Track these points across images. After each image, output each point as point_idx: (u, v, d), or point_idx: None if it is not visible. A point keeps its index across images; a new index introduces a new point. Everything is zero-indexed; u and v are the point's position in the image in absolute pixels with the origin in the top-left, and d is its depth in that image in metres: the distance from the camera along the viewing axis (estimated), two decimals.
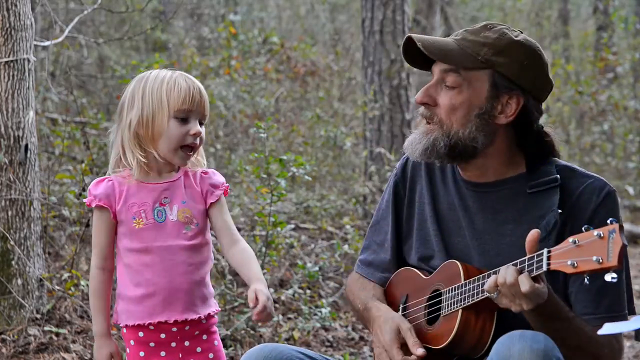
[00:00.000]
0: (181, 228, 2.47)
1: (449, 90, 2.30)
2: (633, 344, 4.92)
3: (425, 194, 2.48)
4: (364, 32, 7.60)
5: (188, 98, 2.42)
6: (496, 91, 2.28)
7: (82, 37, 6.88)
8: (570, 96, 11.84)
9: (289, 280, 5.09)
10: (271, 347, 2.35)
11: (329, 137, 7.84)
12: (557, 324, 2.15)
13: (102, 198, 2.46)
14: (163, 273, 2.45)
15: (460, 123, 2.29)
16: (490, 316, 2.22)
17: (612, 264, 1.86)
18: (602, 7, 14.57)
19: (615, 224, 1.88)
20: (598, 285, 2.21)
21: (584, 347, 2.20)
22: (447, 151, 2.30)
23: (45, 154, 6.02)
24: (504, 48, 2.27)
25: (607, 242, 1.88)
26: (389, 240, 2.55)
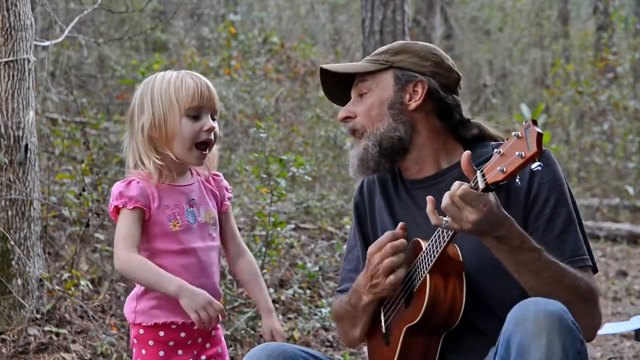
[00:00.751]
0: (209, 229, 2.52)
1: (363, 97, 2.51)
2: (633, 344, 4.92)
3: (383, 205, 2.59)
4: (364, 32, 7.59)
5: (197, 95, 2.43)
6: (400, 82, 2.48)
7: (82, 37, 6.88)
8: (570, 96, 11.85)
9: (289, 280, 5.09)
10: (274, 345, 2.37)
11: (329, 137, 7.84)
12: (527, 255, 2.19)
13: (140, 199, 2.42)
14: (198, 274, 2.46)
15: (377, 120, 2.47)
16: (458, 278, 2.28)
17: (533, 151, 1.94)
18: (602, 7, 14.57)
19: (528, 121, 1.97)
20: (556, 234, 2.32)
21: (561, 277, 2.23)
22: (378, 151, 2.46)
23: (45, 154, 6.02)
24: (399, 49, 2.51)
25: (524, 138, 1.97)
26: (362, 262, 2.61)
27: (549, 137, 10.42)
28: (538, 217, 2.35)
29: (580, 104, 11.81)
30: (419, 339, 2.34)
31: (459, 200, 2.10)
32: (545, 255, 2.21)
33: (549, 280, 2.21)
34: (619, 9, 15.38)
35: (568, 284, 2.23)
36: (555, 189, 2.36)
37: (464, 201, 2.09)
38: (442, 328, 2.32)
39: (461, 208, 2.10)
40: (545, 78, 14.13)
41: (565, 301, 2.20)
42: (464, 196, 2.09)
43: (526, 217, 2.34)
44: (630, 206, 9.77)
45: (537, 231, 2.32)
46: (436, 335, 2.33)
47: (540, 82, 14.45)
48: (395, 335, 2.39)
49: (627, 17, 13.96)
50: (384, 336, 2.46)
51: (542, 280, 2.21)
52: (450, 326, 2.30)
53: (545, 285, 2.21)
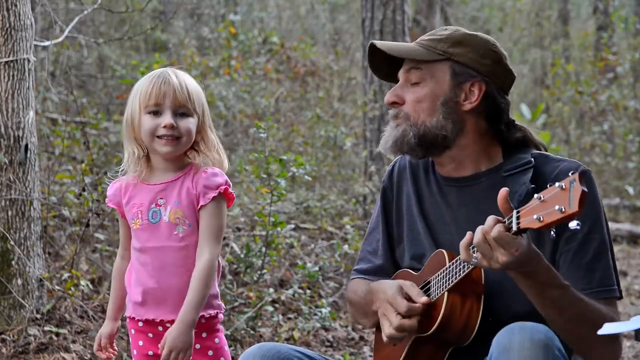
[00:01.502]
0: (173, 229, 2.49)
1: (414, 86, 2.40)
2: (633, 344, 4.92)
3: (412, 195, 2.53)
4: (364, 32, 7.59)
5: (154, 91, 2.46)
6: (458, 79, 2.38)
7: (82, 37, 6.88)
8: (570, 96, 11.84)
9: (289, 280, 5.09)
10: (269, 346, 2.35)
11: (329, 137, 7.84)
12: (553, 292, 2.15)
13: (112, 199, 2.59)
14: (154, 273, 2.49)
15: (426, 113, 2.38)
16: (476, 299, 2.25)
17: (574, 210, 1.89)
18: (602, 7, 14.57)
19: (575, 174, 1.91)
20: (586, 262, 2.26)
21: (584, 316, 2.18)
22: (417, 141, 2.38)
23: (45, 154, 6.02)
24: (459, 39, 2.39)
25: (568, 191, 1.91)
26: (381, 247, 2.60)
27: (549, 137, 10.42)
28: (570, 240, 2.28)
29: (580, 104, 11.80)
30: (426, 349, 2.32)
31: (492, 241, 2.04)
32: (571, 292, 2.17)
33: (573, 317, 2.17)
34: (619, 9, 15.38)
35: (592, 321, 2.17)
36: (591, 214, 2.28)
37: (497, 243, 2.03)
38: (451, 344, 2.30)
39: (493, 248, 2.04)
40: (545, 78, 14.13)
41: (586, 336, 2.18)
42: (498, 238, 2.03)
43: (558, 239, 2.29)
44: (630, 206, 9.77)
45: (568, 254, 2.27)
46: (444, 347, 2.32)
47: (540, 82, 14.44)
48: (403, 340, 2.38)
49: (627, 17, 13.96)
50: None
51: (565, 318, 2.17)
52: (461, 344, 2.28)
53: (568, 322, 2.17)
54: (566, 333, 2.21)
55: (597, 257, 2.28)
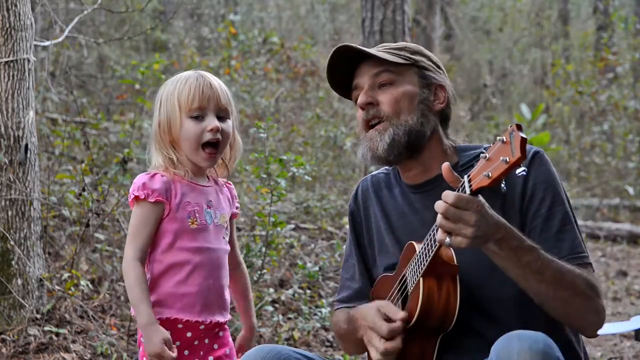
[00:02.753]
0: (222, 232, 2.54)
1: (385, 87, 2.46)
2: (633, 344, 4.93)
3: (378, 212, 2.58)
4: (364, 32, 7.60)
5: (197, 95, 2.45)
6: (426, 81, 2.47)
7: (82, 37, 6.88)
8: (570, 96, 11.85)
9: (289, 280, 5.09)
10: (269, 347, 2.36)
11: (329, 137, 7.84)
12: (526, 256, 2.17)
13: (162, 193, 2.45)
14: (209, 274, 2.48)
15: (407, 112, 2.44)
16: (452, 281, 2.28)
17: (517, 157, 1.94)
18: (602, 7, 14.57)
19: (512, 126, 1.97)
20: (553, 233, 2.32)
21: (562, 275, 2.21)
22: (406, 140, 2.42)
23: (45, 154, 6.02)
24: (416, 50, 2.51)
25: (509, 143, 1.96)
26: (357, 270, 2.64)
27: (549, 137, 10.41)
28: (535, 217, 2.34)
29: (580, 104, 11.81)
30: (416, 341, 2.34)
31: (453, 210, 2.06)
32: (543, 254, 2.21)
33: (551, 279, 2.20)
34: (619, 9, 15.38)
35: (569, 280, 2.22)
36: (551, 189, 2.36)
37: (458, 207, 2.06)
38: (437, 331, 2.32)
39: (458, 217, 2.06)
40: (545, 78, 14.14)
41: (567, 299, 2.21)
42: (456, 202, 2.05)
43: (523, 218, 2.34)
44: (630, 206, 9.77)
45: (535, 231, 2.32)
46: (432, 337, 2.33)
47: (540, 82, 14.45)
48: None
49: (627, 17, 13.96)
50: None
51: (545, 280, 2.19)
52: (446, 329, 2.30)
53: (548, 285, 2.19)
54: (551, 300, 2.23)
55: (562, 227, 2.33)
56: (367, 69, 2.48)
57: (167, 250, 2.47)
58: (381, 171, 2.66)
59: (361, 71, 2.49)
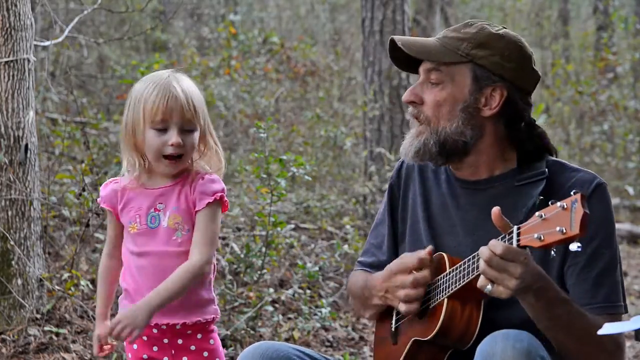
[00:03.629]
0: (172, 234, 2.47)
1: (433, 87, 2.34)
2: (633, 344, 4.92)
3: (418, 196, 2.50)
4: (364, 32, 7.60)
5: (162, 107, 2.39)
6: (478, 84, 2.31)
7: (82, 37, 6.88)
8: (570, 96, 11.84)
9: (289, 280, 5.09)
10: (268, 344, 2.35)
11: (329, 137, 7.84)
12: (558, 309, 2.12)
13: (106, 200, 2.55)
14: (151, 277, 2.47)
15: (446, 118, 2.32)
16: (476, 306, 2.24)
17: (575, 233, 1.88)
18: (602, 7, 14.56)
19: (577, 194, 1.89)
20: (594, 276, 2.24)
21: (589, 332, 2.15)
22: (438, 149, 2.33)
23: (45, 154, 6.02)
24: (483, 41, 2.31)
25: (570, 212, 1.89)
26: (386, 242, 2.59)
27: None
28: (579, 253, 2.21)
29: (580, 104, 11.80)
30: (426, 351, 2.32)
31: (499, 262, 2.00)
32: (575, 307, 2.16)
33: (579, 333, 2.16)
34: (619, 9, 15.37)
35: (598, 338, 2.12)
36: (603, 229, 2.26)
37: (505, 259, 2.00)
38: (450, 348, 2.30)
39: (504, 268, 2.01)
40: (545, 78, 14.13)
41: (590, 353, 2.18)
42: (504, 254, 2.00)
43: (566, 252, 2.24)
44: (630, 206, 9.77)
45: (575, 267, 2.25)
46: (444, 350, 2.31)
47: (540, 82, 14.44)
48: (403, 340, 2.37)
49: (627, 17, 13.95)
50: (392, 335, 2.45)
51: (573, 335, 2.15)
52: (460, 349, 2.27)
53: (576, 340, 2.15)
54: (575, 353, 2.19)
55: (605, 272, 2.26)
56: (424, 62, 2.37)
57: (124, 252, 2.55)
58: None
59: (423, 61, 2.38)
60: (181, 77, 2.48)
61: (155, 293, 2.41)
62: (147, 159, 2.47)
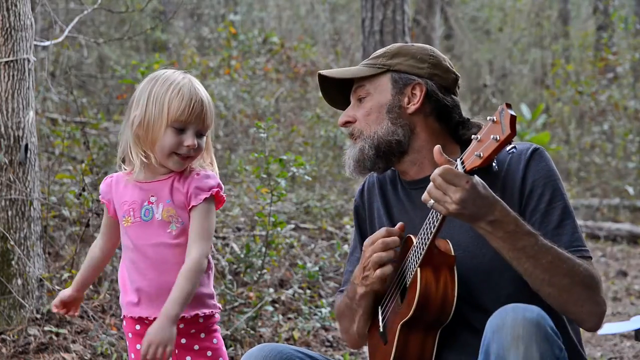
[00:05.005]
0: (166, 227, 2.49)
1: (362, 103, 2.52)
2: (633, 344, 4.92)
3: (381, 209, 2.60)
4: (364, 32, 7.60)
5: (187, 110, 2.44)
6: (398, 85, 2.48)
7: (82, 37, 6.88)
8: (570, 96, 11.85)
9: (289, 280, 5.09)
10: (271, 346, 2.37)
11: (329, 137, 7.84)
12: (524, 240, 2.19)
13: (103, 195, 2.58)
14: (148, 270, 2.49)
15: (376, 123, 2.48)
16: (449, 271, 2.29)
17: (507, 133, 1.97)
18: (602, 7, 14.57)
19: (503, 105, 2.00)
20: (553, 227, 2.33)
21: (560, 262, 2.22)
22: (374, 152, 2.46)
23: (45, 154, 6.02)
24: (396, 52, 2.52)
25: (499, 122, 2.00)
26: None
27: (549, 137, 10.42)
28: (534, 212, 2.35)
29: (580, 104, 11.81)
30: (415, 335, 2.34)
31: (441, 182, 2.11)
32: (541, 240, 2.22)
33: (548, 265, 2.21)
34: (619, 9, 15.38)
35: (567, 268, 2.22)
36: (550, 184, 2.37)
37: (445, 180, 2.11)
38: (436, 323, 2.32)
39: (445, 189, 2.11)
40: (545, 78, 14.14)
41: (565, 286, 2.22)
42: (444, 174, 2.11)
43: (522, 213, 2.34)
44: (630, 206, 9.78)
45: (534, 226, 2.31)
46: (432, 331, 2.34)
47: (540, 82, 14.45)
48: (392, 332, 2.40)
49: (627, 17, 13.96)
50: (382, 335, 2.47)
51: (542, 266, 2.20)
52: (444, 321, 2.31)
53: (545, 271, 2.21)
54: (547, 286, 2.23)
55: (562, 222, 2.34)
56: (353, 86, 2.55)
57: (122, 249, 2.58)
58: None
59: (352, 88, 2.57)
60: (198, 82, 2.54)
61: (171, 302, 2.41)
62: (152, 155, 2.48)
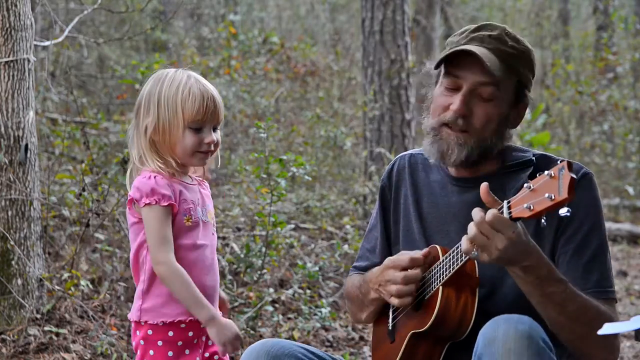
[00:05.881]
0: (211, 228, 2.56)
1: (484, 102, 2.33)
2: (633, 344, 4.92)
3: (409, 196, 2.54)
4: (364, 32, 7.60)
5: (202, 109, 2.46)
6: (517, 100, 2.39)
7: (82, 37, 6.87)
8: (570, 96, 11.84)
9: (289, 280, 5.09)
10: (273, 342, 2.37)
11: (329, 137, 7.84)
12: (552, 287, 2.15)
13: (170, 196, 2.46)
14: (203, 271, 2.50)
15: (492, 133, 2.35)
16: (471, 293, 2.26)
17: (563, 197, 1.91)
18: (602, 7, 14.56)
19: (564, 162, 1.93)
20: (584, 262, 2.27)
21: (584, 312, 2.19)
22: (478, 155, 2.36)
23: (45, 154, 6.02)
24: (526, 58, 2.36)
25: (557, 179, 1.93)
26: (379, 245, 2.63)
27: (549, 137, 10.41)
28: (570, 241, 2.29)
29: (580, 104, 11.80)
30: (424, 345, 2.33)
31: (487, 228, 2.04)
32: (570, 288, 2.18)
33: (572, 313, 2.18)
34: (619, 9, 15.37)
35: (591, 317, 2.18)
36: (592, 216, 2.30)
37: (492, 228, 2.03)
38: (448, 339, 2.31)
39: (490, 236, 2.04)
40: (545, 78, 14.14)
41: (584, 334, 2.19)
42: (492, 222, 2.03)
43: (557, 238, 2.29)
44: (630, 206, 9.77)
45: (566, 255, 2.28)
46: (441, 343, 2.32)
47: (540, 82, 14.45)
48: (401, 336, 2.38)
49: (627, 17, 13.95)
50: (390, 333, 2.46)
51: (566, 313, 2.17)
52: (457, 338, 2.29)
53: (568, 318, 2.18)
54: (567, 332, 2.21)
55: (595, 258, 2.29)
56: (476, 70, 2.31)
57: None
58: (420, 151, 2.57)
59: (470, 66, 2.31)
60: (200, 76, 2.53)
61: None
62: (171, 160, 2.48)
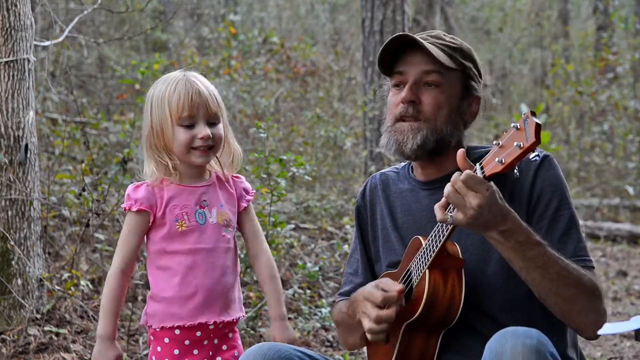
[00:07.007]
0: (221, 230, 2.52)
1: (432, 88, 2.43)
2: (633, 344, 4.93)
3: (384, 209, 2.59)
4: (364, 32, 7.60)
5: (187, 104, 2.44)
6: (466, 92, 2.47)
7: (82, 37, 6.88)
8: (570, 96, 11.84)
9: (289, 280, 5.09)
10: (269, 345, 2.36)
11: (329, 137, 7.84)
12: (533, 251, 2.19)
13: (144, 202, 2.47)
14: (204, 275, 2.48)
15: (444, 120, 2.43)
16: (457, 275, 2.28)
17: (532, 141, 1.95)
18: (602, 7, 14.56)
19: (527, 112, 1.99)
20: (558, 236, 2.33)
21: (566, 273, 2.22)
22: (434, 147, 2.43)
23: (45, 154, 6.02)
24: (468, 53, 2.48)
25: (523, 129, 1.98)
26: (361, 265, 2.65)
27: (549, 137, 10.41)
28: (541, 219, 2.35)
29: (580, 104, 11.80)
30: (418, 337, 2.34)
31: (461, 186, 2.09)
32: (549, 250, 2.22)
33: (556, 275, 2.21)
34: (619, 9, 15.38)
35: (574, 278, 2.23)
36: (558, 192, 2.37)
37: (466, 186, 2.09)
38: (441, 325, 2.32)
39: (464, 194, 2.10)
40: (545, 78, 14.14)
41: (571, 296, 2.22)
42: (466, 180, 2.08)
43: (529, 219, 2.34)
44: (630, 206, 9.77)
45: (540, 232, 2.31)
46: (435, 333, 2.34)
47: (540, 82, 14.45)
48: (394, 332, 2.39)
49: (627, 17, 13.95)
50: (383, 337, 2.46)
51: (549, 276, 2.21)
52: (449, 323, 2.31)
53: (552, 281, 2.21)
54: (553, 296, 2.23)
55: (568, 231, 2.35)
56: (418, 61, 2.44)
57: (159, 257, 2.50)
58: (391, 169, 2.67)
59: (411, 60, 2.44)
60: (195, 74, 2.54)
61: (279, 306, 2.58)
62: (174, 157, 2.48)
